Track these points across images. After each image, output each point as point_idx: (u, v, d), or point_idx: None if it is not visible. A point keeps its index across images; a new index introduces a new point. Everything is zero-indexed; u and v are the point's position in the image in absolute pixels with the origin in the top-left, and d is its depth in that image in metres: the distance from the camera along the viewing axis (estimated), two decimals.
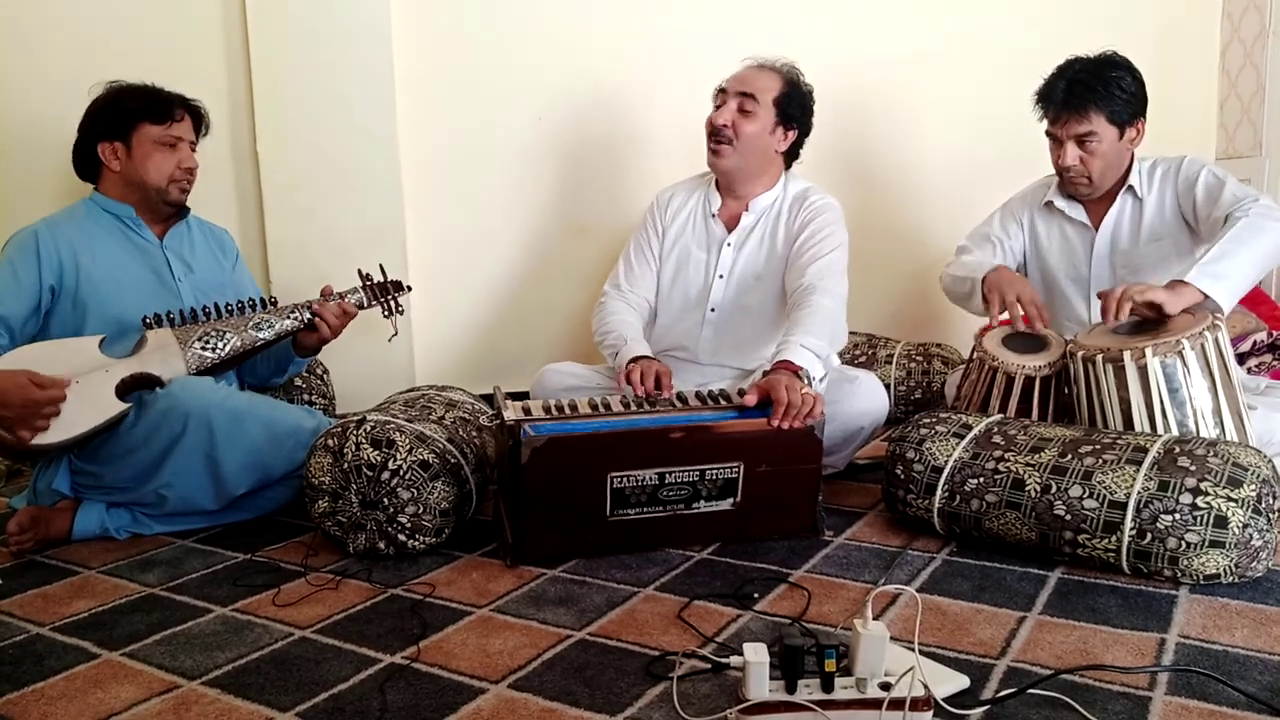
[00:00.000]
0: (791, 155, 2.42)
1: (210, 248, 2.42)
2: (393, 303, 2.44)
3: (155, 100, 2.23)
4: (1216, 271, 1.99)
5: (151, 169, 2.22)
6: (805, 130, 2.40)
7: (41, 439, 1.97)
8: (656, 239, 2.49)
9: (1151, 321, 2.03)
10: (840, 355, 2.95)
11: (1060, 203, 2.41)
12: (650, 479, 1.84)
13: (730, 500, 1.90)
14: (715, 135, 2.32)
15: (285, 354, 2.38)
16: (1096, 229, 2.36)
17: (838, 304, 2.17)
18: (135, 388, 2.08)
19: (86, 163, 2.26)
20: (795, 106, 2.33)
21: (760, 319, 2.40)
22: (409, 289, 2.52)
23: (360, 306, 2.39)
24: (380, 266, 2.46)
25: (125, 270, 2.23)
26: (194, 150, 2.31)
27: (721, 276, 2.41)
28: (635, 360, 2.17)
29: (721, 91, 2.36)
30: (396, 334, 2.46)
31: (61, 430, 1.99)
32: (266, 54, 2.89)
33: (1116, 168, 2.30)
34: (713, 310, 2.42)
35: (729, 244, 2.40)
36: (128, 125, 2.21)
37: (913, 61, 3.36)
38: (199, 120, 2.33)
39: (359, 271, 2.44)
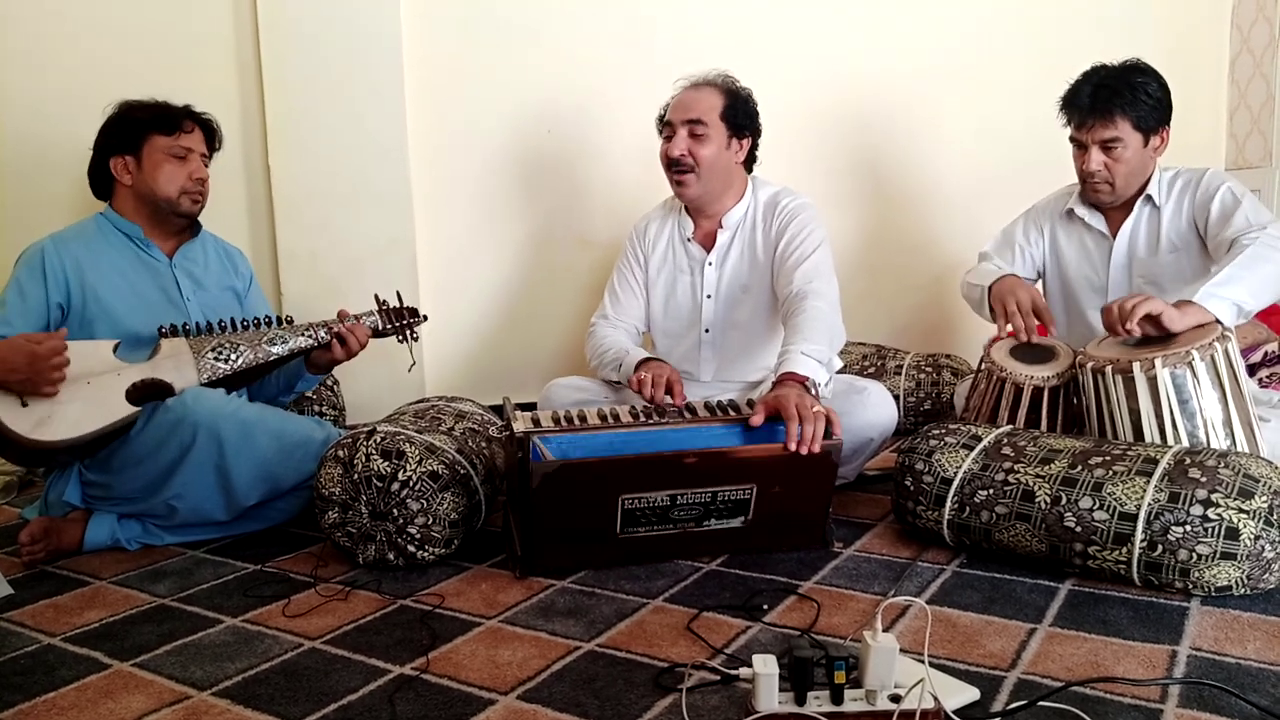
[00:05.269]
0: (750, 161, 2.40)
1: (224, 266, 2.42)
2: (408, 330, 2.40)
3: (165, 112, 2.25)
4: (1222, 294, 1.98)
5: (162, 179, 2.23)
6: (757, 133, 2.38)
7: (49, 435, 1.97)
8: (639, 268, 2.49)
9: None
10: (849, 366, 2.96)
11: (1081, 210, 2.40)
12: (661, 500, 1.83)
13: (741, 518, 1.89)
14: (675, 166, 2.30)
15: (296, 371, 2.37)
16: (1114, 238, 2.36)
17: (831, 305, 2.15)
18: (146, 394, 2.08)
19: (101, 180, 2.28)
20: (742, 115, 2.31)
21: (755, 330, 2.41)
22: (425, 318, 2.48)
23: (375, 330, 2.37)
24: (397, 294, 2.44)
25: (133, 288, 2.23)
26: (206, 164, 2.32)
27: (710, 296, 2.41)
28: (644, 363, 2.17)
29: (667, 123, 2.33)
30: (415, 364, 2.42)
31: (69, 428, 2.00)
32: (278, 68, 2.92)
33: (1140, 175, 2.29)
34: (707, 331, 2.42)
35: (710, 263, 2.40)
36: (138, 137, 2.22)
37: (922, 74, 3.37)
38: (211, 134, 2.34)
39: (375, 296, 2.42)
